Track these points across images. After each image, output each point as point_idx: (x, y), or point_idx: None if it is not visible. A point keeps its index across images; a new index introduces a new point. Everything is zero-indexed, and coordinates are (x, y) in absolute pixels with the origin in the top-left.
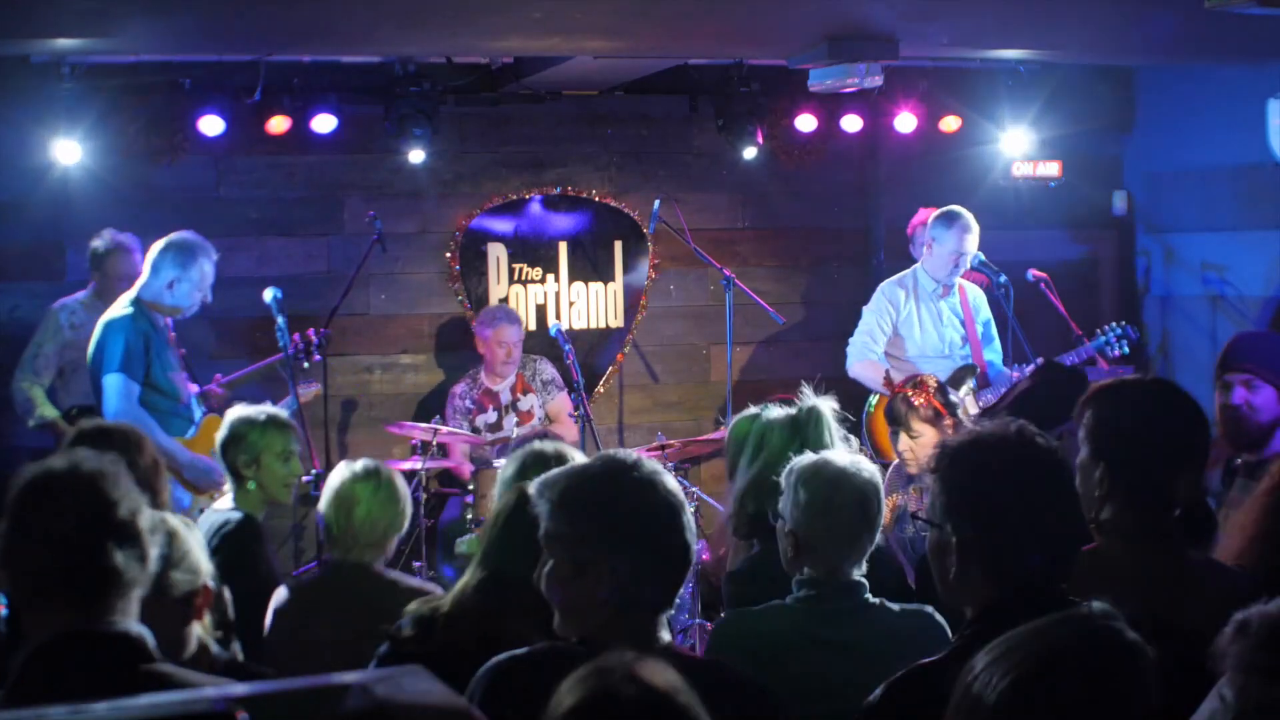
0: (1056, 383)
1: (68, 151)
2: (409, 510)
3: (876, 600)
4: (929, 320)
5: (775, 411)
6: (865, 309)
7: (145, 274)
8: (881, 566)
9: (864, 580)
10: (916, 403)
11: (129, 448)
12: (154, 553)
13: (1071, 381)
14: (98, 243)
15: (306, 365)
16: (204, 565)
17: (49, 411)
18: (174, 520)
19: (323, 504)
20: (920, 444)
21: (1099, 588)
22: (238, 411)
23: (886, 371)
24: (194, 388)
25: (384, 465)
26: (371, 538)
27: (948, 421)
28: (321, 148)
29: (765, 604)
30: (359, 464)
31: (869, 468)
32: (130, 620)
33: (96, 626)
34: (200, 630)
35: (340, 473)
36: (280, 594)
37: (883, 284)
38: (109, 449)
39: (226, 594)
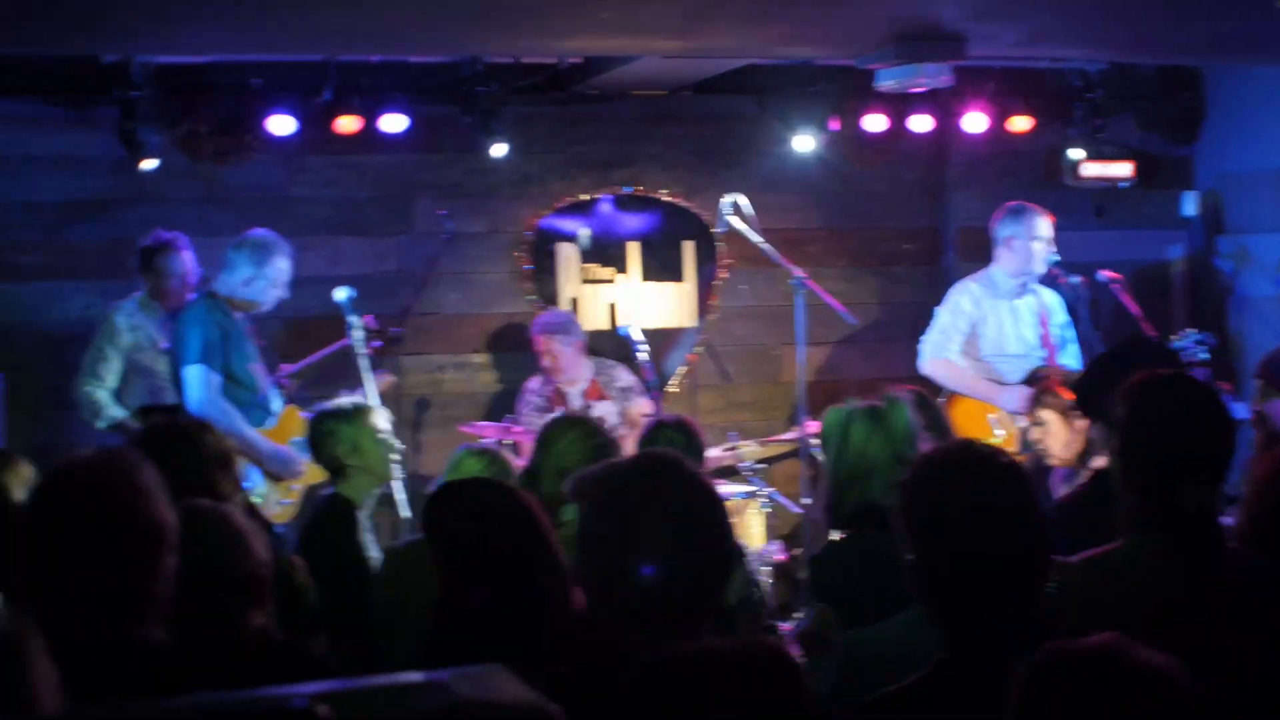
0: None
1: (140, 151)
2: None
3: None
4: (1006, 320)
5: (856, 404)
6: (939, 308)
7: (222, 269)
8: None
9: None
10: (1056, 393)
11: (191, 441)
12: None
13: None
14: (146, 242)
15: (369, 352)
16: (260, 551)
17: (117, 411)
18: (228, 506)
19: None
20: (1047, 433)
21: (1116, 587)
22: (321, 410)
23: (1036, 369)
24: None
25: (504, 453)
26: None
27: (1079, 422)
28: (391, 147)
29: (883, 623)
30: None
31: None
32: (155, 626)
33: (127, 636)
34: (260, 616)
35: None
36: (380, 560)
37: (958, 283)
38: (174, 443)
39: (307, 579)
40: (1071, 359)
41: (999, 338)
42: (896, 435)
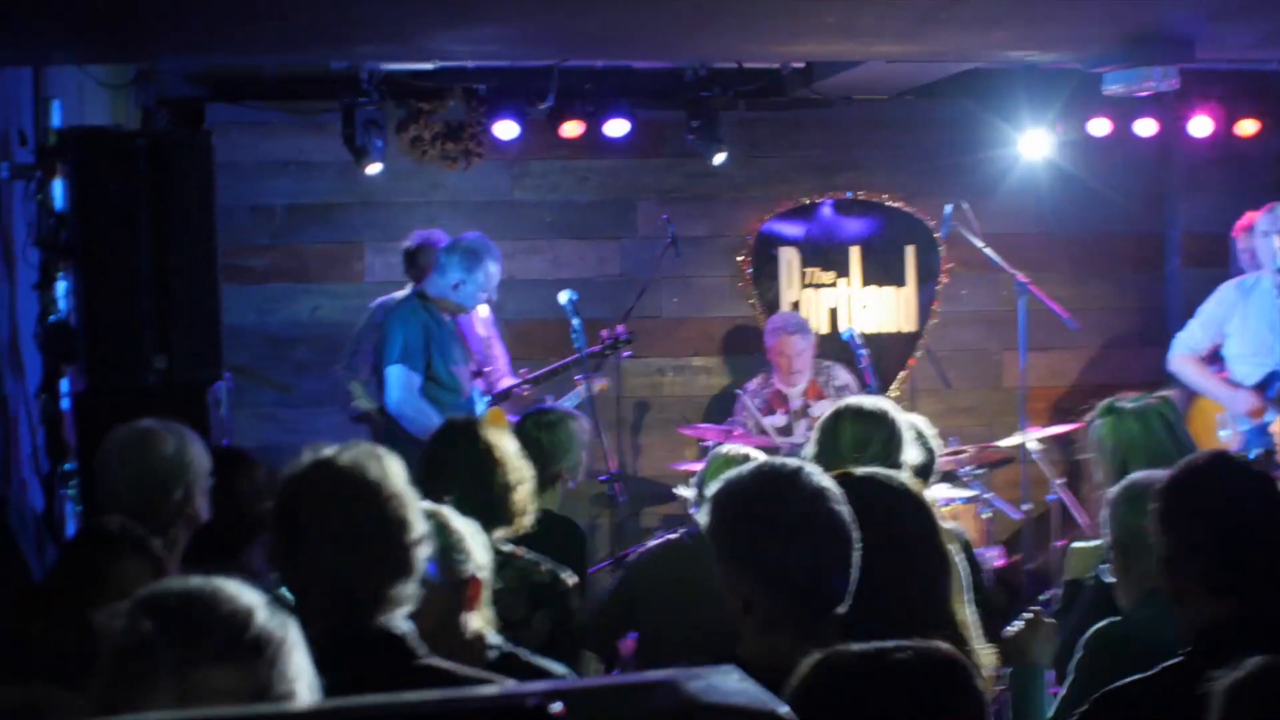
0: None
1: (366, 156)
2: None
3: None
4: (1256, 321)
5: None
6: (1200, 307)
7: (434, 272)
8: None
9: None
10: None
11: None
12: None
13: None
14: (407, 243)
15: (617, 361)
16: (477, 555)
17: (366, 403)
18: (446, 510)
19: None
20: None
21: None
22: (560, 421)
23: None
24: (509, 380)
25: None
26: None
27: None
28: (614, 152)
29: (1131, 614)
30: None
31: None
32: (398, 618)
33: (367, 626)
34: (477, 621)
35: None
36: (643, 554)
37: (1224, 283)
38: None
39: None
40: None
41: (1242, 339)
42: (1182, 438)
